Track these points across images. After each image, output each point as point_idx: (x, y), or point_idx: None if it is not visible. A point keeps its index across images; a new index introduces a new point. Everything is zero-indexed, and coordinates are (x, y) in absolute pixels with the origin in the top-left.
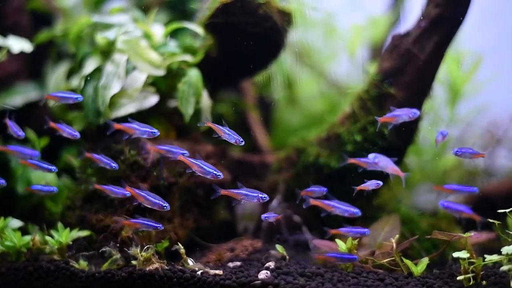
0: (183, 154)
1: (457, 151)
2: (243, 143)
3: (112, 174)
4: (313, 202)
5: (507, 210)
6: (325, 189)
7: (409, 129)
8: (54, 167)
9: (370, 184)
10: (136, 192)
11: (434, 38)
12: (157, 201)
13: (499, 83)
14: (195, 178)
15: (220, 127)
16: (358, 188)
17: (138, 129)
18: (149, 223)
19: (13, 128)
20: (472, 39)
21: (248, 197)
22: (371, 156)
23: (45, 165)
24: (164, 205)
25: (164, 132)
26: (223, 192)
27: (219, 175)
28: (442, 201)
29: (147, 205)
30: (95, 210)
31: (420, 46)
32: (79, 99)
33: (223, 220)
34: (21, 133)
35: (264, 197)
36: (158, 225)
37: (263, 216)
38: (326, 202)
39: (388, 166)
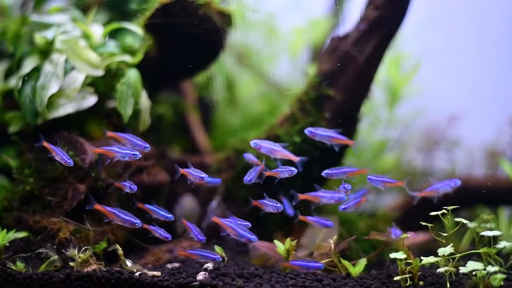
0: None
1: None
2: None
3: (50, 175)
4: (301, 196)
5: (439, 212)
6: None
7: (348, 131)
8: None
9: (283, 171)
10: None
11: (373, 41)
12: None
13: (438, 86)
14: (132, 178)
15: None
16: (267, 173)
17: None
18: (207, 254)
19: None
20: (411, 42)
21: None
22: (253, 142)
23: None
24: (135, 222)
25: (102, 133)
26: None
27: (252, 238)
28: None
29: (118, 222)
30: (33, 211)
31: (359, 48)
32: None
33: (162, 221)
34: None
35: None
36: (216, 257)
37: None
38: (313, 193)
39: (273, 151)
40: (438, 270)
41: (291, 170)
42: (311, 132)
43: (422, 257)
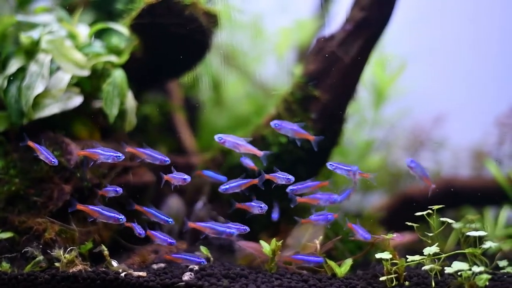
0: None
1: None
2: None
3: (36, 175)
4: (300, 200)
5: (424, 212)
6: None
7: (334, 131)
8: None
9: (280, 177)
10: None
11: (358, 41)
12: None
13: (424, 86)
14: (118, 179)
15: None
16: (267, 177)
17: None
18: (192, 258)
19: None
20: (397, 43)
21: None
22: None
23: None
24: (120, 217)
25: (88, 133)
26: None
27: (232, 232)
28: None
29: (102, 220)
30: (18, 212)
31: (344, 49)
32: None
33: (148, 222)
34: None
35: None
36: (201, 260)
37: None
38: (311, 196)
39: (237, 145)
40: (423, 268)
41: (289, 178)
42: (277, 125)
43: (408, 257)
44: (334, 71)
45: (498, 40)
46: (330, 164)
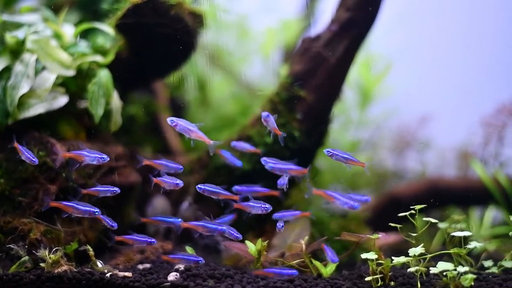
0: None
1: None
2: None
3: (21, 175)
4: (316, 191)
5: (407, 213)
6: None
7: (319, 132)
8: None
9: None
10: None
11: (344, 42)
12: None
13: (409, 87)
14: (104, 179)
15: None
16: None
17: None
18: (190, 258)
19: None
20: (383, 43)
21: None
22: (169, 119)
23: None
24: (94, 211)
25: (73, 133)
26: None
27: (224, 229)
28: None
29: (77, 214)
30: (3, 212)
31: (330, 49)
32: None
33: (134, 222)
34: None
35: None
36: (199, 259)
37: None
38: (329, 192)
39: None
40: (408, 270)
41: (283, 183)
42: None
43: (393, 258)
44: (319, 71)
45: (484, 41)
46: (264, 160)
